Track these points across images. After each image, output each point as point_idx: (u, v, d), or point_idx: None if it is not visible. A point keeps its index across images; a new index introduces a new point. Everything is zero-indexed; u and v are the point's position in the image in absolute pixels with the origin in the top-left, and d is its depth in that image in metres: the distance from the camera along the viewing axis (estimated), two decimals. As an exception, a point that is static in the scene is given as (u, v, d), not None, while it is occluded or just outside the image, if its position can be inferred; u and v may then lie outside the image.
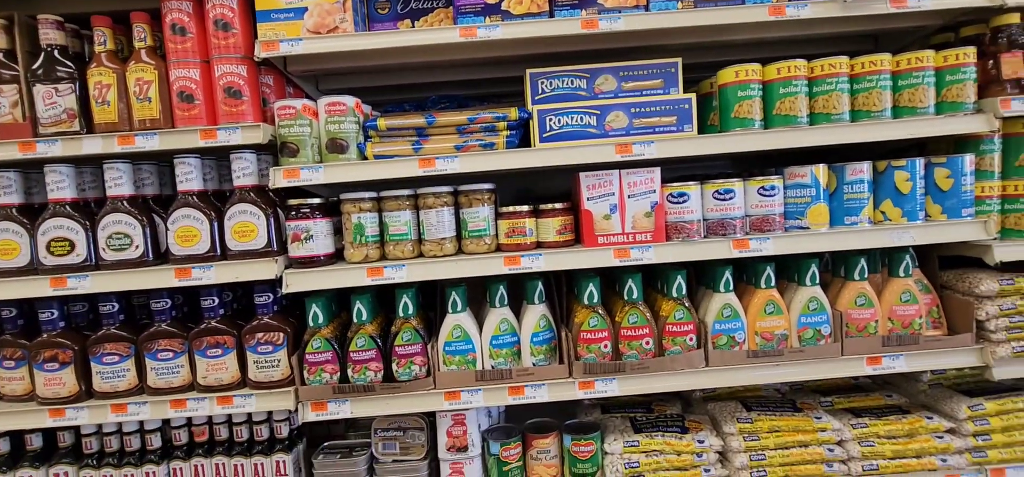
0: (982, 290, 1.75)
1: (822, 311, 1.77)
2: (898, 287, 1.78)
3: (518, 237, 1.77)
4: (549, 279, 1.99)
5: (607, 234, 1.75)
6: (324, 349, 1.77)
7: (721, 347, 1.79)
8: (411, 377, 1.79)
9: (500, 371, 1.79)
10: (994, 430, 1.80)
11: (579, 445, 1.84)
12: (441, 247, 1.77)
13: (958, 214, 1.74)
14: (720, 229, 1.75)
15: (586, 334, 1.78)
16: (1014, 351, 1.73)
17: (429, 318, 1.98)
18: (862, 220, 1.75)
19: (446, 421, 1.85)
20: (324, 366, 1.78)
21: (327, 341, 1.77)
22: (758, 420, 1.85)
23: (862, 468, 1.80)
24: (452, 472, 1.85)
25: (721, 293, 1.78)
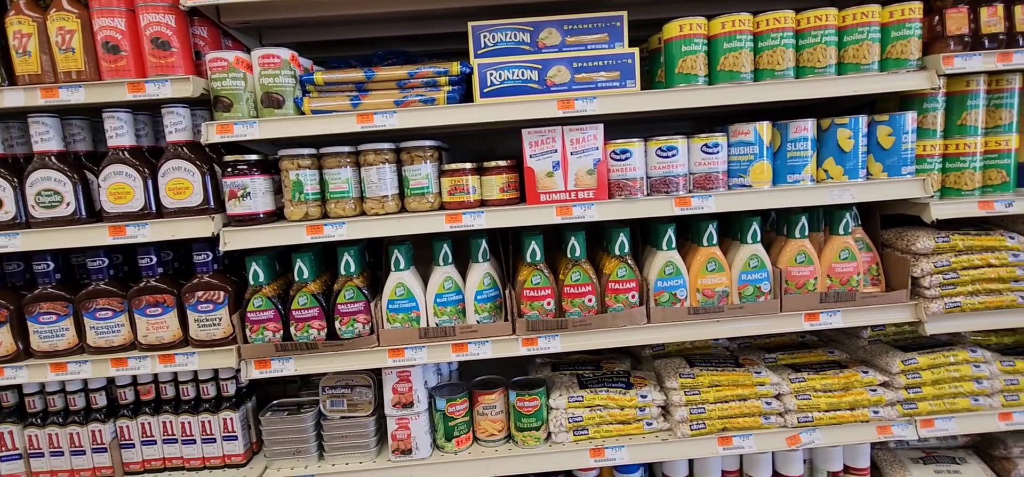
0: (918, 247, 1.78)
1: (763, 268, 1.79)
2: (837, 245, 1.80)
3: (460, 195, 1.75)
4: (496, 238, 1.98)
5: (550, 192, 1.74)
6: (266, 307, 1.76)
7: (663, 304, 1.80)
8: (354, 335, 1.79)
9: (444, 329, 1.80)
10: (925, 383, 1.86)
11: (524, 400, 1.87)
12: (383, 205, 1.75)
13: (898, 172, 1.75)
14: (663, 187, 1.74)
15: (529, 292, 1.78)
16: (946, 307, 1.77)
17: (377, 277, 1.98)
18: (804, 178, 1.75)
19: (391, 378, 1.86)
20: (266, 324, 1.77)
21: (269, 299, 1.76)
22: (699, 375, 1.89)
23: (797, 420, 1.85)
24: (398, 427, 1.87)
25: (663, 251, 1.79)
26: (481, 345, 1.80)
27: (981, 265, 1.78)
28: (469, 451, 1.92)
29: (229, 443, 1.91)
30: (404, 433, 1.87)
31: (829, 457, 1.97)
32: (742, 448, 1.85)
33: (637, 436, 1.90)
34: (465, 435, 1.92)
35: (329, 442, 1.91)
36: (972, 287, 1.78)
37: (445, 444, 1.91)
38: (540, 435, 1.89)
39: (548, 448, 1.89)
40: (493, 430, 1.93)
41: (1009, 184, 1.79)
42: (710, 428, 1.85)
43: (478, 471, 1.88)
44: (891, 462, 2.03)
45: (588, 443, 1.88)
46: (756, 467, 1.98)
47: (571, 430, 1.89)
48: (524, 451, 1.88)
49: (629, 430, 1.90)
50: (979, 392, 1.86)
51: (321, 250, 1.89)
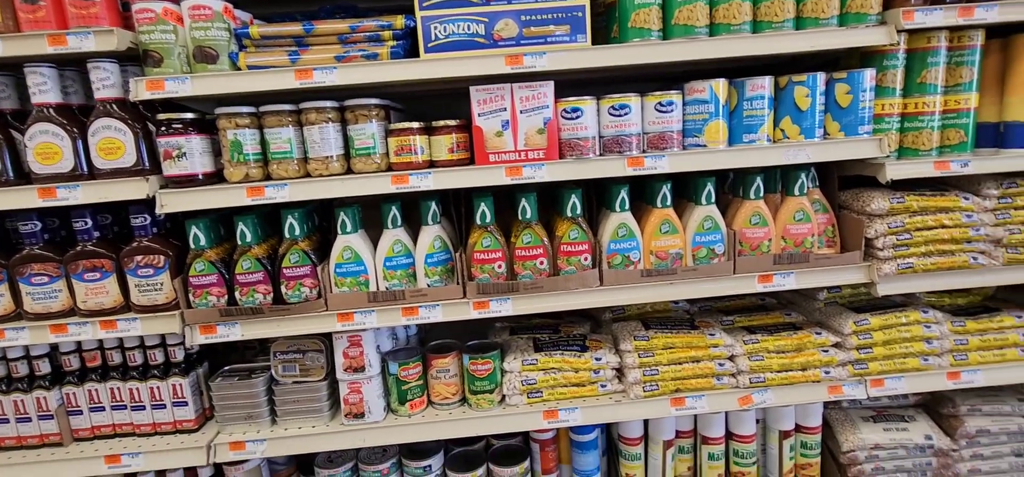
0: (873, 208, 1.76)
1: (717, 230, 1.77)
2: (792, 206, 1.77)
3: (407, 155, 1.70)
4: (449, 200, 1.94)
5: (499, 152, 1.68)
6: (209, 272, 1.71)
7: (616, 267, 1.78)
8: (301, 299, 1.76)
9: (393, 293, 1.76)
10: (876, 344, 1.87)
11: (477, 364, 1.86)
12: (327, 166, 1.69)
13: (855, 132, 1.71)
14: (616, 147, 1.70)
15: (480, 255, 1.75)
16: (899, 268, 1.77)
17: (329, 241, 1.93)
18: (760, 138, 1.71)
19: (342, 342, 1.83)
20: (210, 289, 1.73)
21: (212, 264, 1.71)
22: (654, 338, 1.88)
23: (750, 380, 1.86)
24: (350, 391, 1.86)
25: (617, 213, 1.76)
26: (432, 309, 1.78)
27: (935, 226, 1.77)
28: (423, 414, 1.91)
29: (180, 409, 1.89)
30: (356, 397, 1.86)
31: (781, 417, 1.99)
32: (694, 408, 1.86)
33: (591, 398, 1.90)
34: (419, 398, 1.91)
35: (281, 407, 1.89)
36: (925, 248, 1.77)
37: (399, 407, 1.90)
38: (494, 398, 1.89)
39: (502, 410, 1.89)
40: (447, 393, 1.92)
41: (967, 144, 1.77)
42: (663, 389, 1.86)
43: (432, 433, 1.88)
44: (842, 421, 2.07)
45: (542, 405, 1.88)
46: (709, 426, 2.00)
47: (525, 393, 1.89)
48: (478, 414, 1.88)
49: (583, 392, 1.90)
50: (929, 352, 1.88)
51: (266, 213, 1.83)
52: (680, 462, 2.06)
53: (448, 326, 1.86)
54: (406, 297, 1.77)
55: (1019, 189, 1.78)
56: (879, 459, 1.99)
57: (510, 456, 2.04)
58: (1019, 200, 1.78)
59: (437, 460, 2.01)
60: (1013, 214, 1.78)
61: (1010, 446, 1.99)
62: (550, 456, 2.07)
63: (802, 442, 2.02)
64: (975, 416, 1.99)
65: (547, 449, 2.06)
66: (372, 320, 1.77)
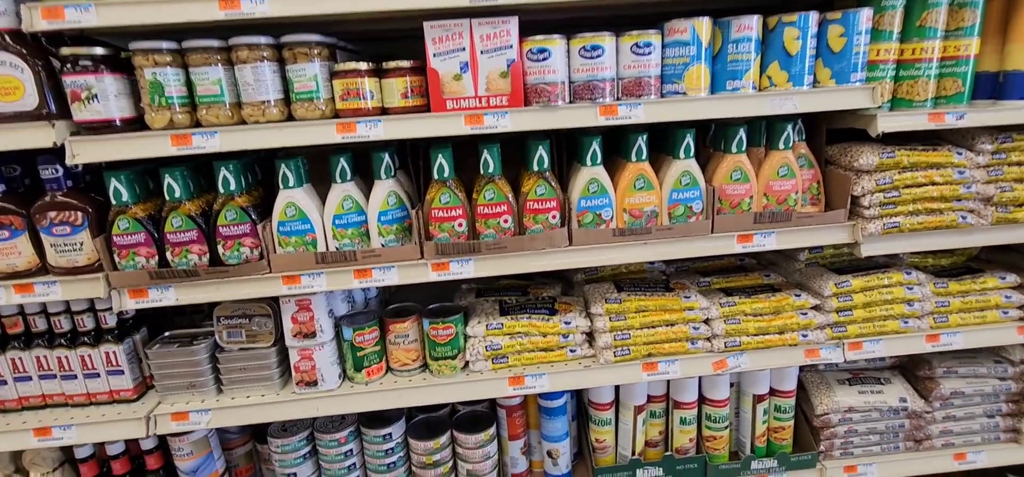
0: (862, 164, 1.64)
1: (695, 186, 1.64)
2: (777, 161, 1.65)
3: (355, 100, 1.51)
4: (407, 152, 1.76)
5: (457, 97, 1.51)
6: (135, 230, 1.54)
7: (586, 225, 1.65)
8: (241, 260, 1.60)
9: (344, 253, 1.61)
10: (856, 306, 1.79)
11: (437, 329, 1.74)
12: (263, 111, 1.50)
13: (847, 79, 1.57)
14: (587, 93, 1.53)
15: (438, 212, 1.60)
16: (885, 228, 1.66)
17: (271, 196, 1.75)
18: (745, 85, 1.56)
19: (289, 307, 1.69)
20: (137, 249, 1.55)
21: (137, 221, 1.54)
22: (626, 301, 1.78)
23: (725, 344, 1.78)
24: (301, 358, 1.73)
25: (588, 167, 1.61)
26: (386, 271, 1.63)
27: (924, 183, 1.66)
28: (381, 382, 1.80)
29: (116, 378, 1.74)
30: (308, 364, 1.74)
31: (756, 381, 1.92)
32: (667, 373, 1.78)
33: (560, 363, 1.80)
34: (377, 365, 1.79)
35: (227, 375, 1.76)
36: (913, 206, 1.67)
37: (355, 375, 1.78)
38: (456, 364, 1.78)
39: (465, 377, 1.78)
40: (407, 359, 1.81)
41: (963, 95, 1.64)
42: (635, 354, 1.77)
43: (390, 401, 1.77)
44: (817, 383, 2.01)
45: (508, 371, 1.78)
46: (681, 391, 1.93)
47: (489, 358, 1.79)
48: (440, 380, 1.78)
49: (552, 357, 1.80)
50: (909, 314, 1.81)
51: (199, 165, 1.64)
52: (651, 426, 1.99)
53: (411, 289, 1.72)
54: (358, 258, 1.62)
55: (1015, 144, 1.67)
56: (852, 422, 1.94)
57: (476, 422, 1.96)
58: (1014, 155, 1.68)
59: (398, 428, 1.91)
60: (1006, 170, 1.68)
61: (983, 407, 1.96)
62: (518, 422, 1.98)
63: (776, 405, 1.96)
64: (951, 378, 1.95)
65: (514, 415, 1.97)
66: (321, 283, 1.62)
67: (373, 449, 1.90)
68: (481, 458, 1.92)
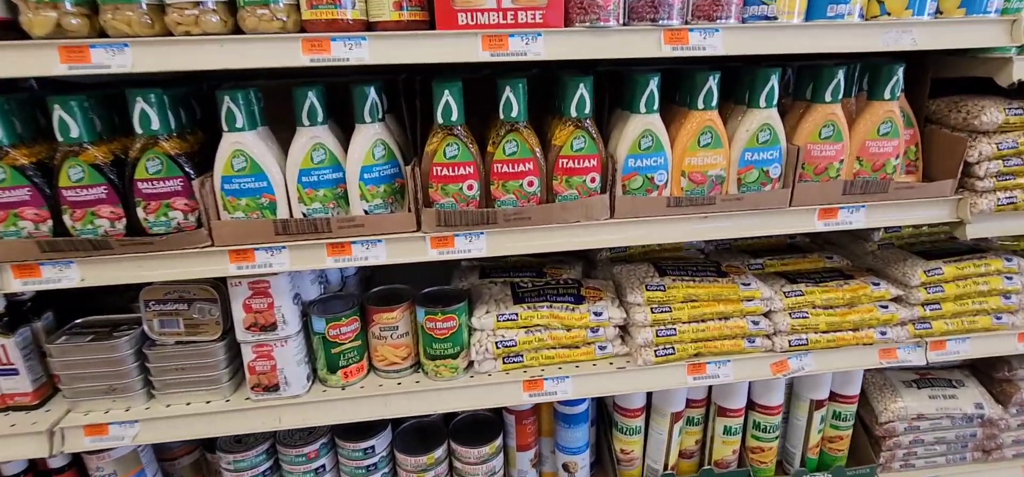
0: (983, 122, 1.30)
1: (775, 144, 1.27)
2: (878, 115, 1.29)
3: (329, 9, 1.08)
4: (399, 87, 1.34)
5: (472, 9, 1.09)
6: (16, 182, 1.10)
7: (634, 191, 1.27)
8: (171, 228, 1.18)
9: (314, 221, 1.20)
10: (946, 298, 1.48)
11: (435, 320, 1.36)
12: (196, 19, 1.06)
13: (981, 8, 1.21)
14: (649, 11, 1.13)
15: (441, 168, 1.20)
16: (998, 204, 1.34)
17: (214, 141, 1.31)
18: (851, 10, 1.18)
19: (241, 291, 1.28)
20: (20, 210, 1.12)
21: (19, 171, 1.10)
22: (672, 287, 1.42)
23: (788, 343, 1.45)
24: (257, 357, 1.33)
25: (641, 114, 1.22)
26: (371, 246, 1.23)
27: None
28: (362, 385, 1.42)
29: (8, 379, 1.32)
30: (266, 364, 1.34)
31: (816, 384, 1.61)
32: (717, 377, 1.45)
33: (586, 363, 1.46)
34: (357, 364, 1.41)
35: (160, 376, 1.35)
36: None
37: (328, 376, 1.39)
38: (459, 364, 1.41)
39: (469, 380, 1.42)
40: (395, 358, 1.43)
41: (1109, 37, 1.30)
42: (680, 354, 1.42)
43: (373, 410, 1.39)
44: (880, 385, 1.72)
45: (522, 373, 1.42)
46: (728, 396, 1.61)
47: (500, 357, 1.42)
48: (437, 384, 1.41)
49: (577, 356, 1.45)
50: (1004, 308, 1.51)
51: (114, 97, 1.19)
52: (688, 435, 1.68)
53: (399, 266, 1.32)
54: (333, 228, 1.21)
55: None
56: (919, 431, 1.66)
57: (478, 430, 1.60)
58: None
59: (383, 439, 1.54)
60: None
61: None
62: (528, 430, 1.64)
63: (835, 412, 1.66)
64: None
65: (525, 421, 1.63)
66: (283, 261, 1.21)
67: (351, 466, 1.53)
68: (485, 474, 1.58)
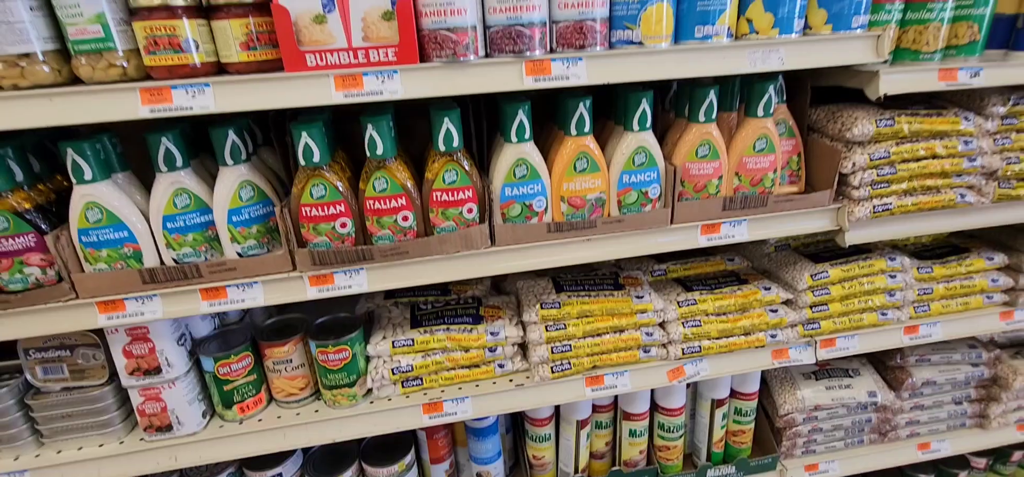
0: (855, 134, 1.32)
1: (652, 166, 1.27)
2: (753, 131, 1.29)
3: (171, 53, 1.03)
4: (269, 121, 1.30)
5: (322, 49, 1.05)
6: None
7: (513, 219, 1.27)
8: (28, 285, 1.14)
9: (183, 267, 1.17)
10: (832, 299, 1.53)
11: (327, 353, 1.35)
12: (23, 72, 1.00)
13: (847, 24, 1.21)
14: (509, 43, 1.10)
15: (309, 209, 1.17)
16: (874, 211, 1.37)
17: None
18: (718, 31, 1.17)
19: (120, 339, 1.26)
20: None
21: None
22: (566, 304, 1.44)
23: (682, 350, 1.49)
24: (145, 400, 1.31)
25: (513, 143, 1.21)
26: (247, 289, 1.21)
27: (925, 156, 1.36)
28: (260, 418, 1.42)
29: None
30: (156, 406, 1.33)
31: (715, 385, 1.67)
32: (615, 387, 1.48)
33: (486, 382, 1.47)
34: (253, 398, 1.41)
35: (47, 424, 1.33)
36: (908, 184, 1.38)
37: (225, 412, 1.39)
38: (356, 392, 1.41)
39: (369, 407, 1.42)
40: (293, 389, 1.43)
41: (978, 45, 1.32)
42: (577, 368, 1.45)
43: (272, 442, 1.40)
44: (781, 379, 1.78)
45: (422, 396, 1.44)
46: (631, 402, 1.65)
47: (398, 382, 1.43)
48: (337, 413, 1.41)
49: (477, 375, 1.47)
50: (889, 305, 1.56)
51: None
52: (598, 438, 1.72)
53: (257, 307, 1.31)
54: (203, 273, 1.19)
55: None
56: (817, 420, 1.74)
57: (390, 448, 1.62)
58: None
59: (291, 466, 1.55)
60: (1015, 138, 1.40)
61: (952, 395, 1.79)
62: (441, 444, 1.67)
63: (736, 408, 1.72)
64: (923, 367, 1.76)
65: (436, 437, 1.65)
66: (154, 308, 1.19)
67: (260, 493, 1.54)
68: (397, 490, 1.61)
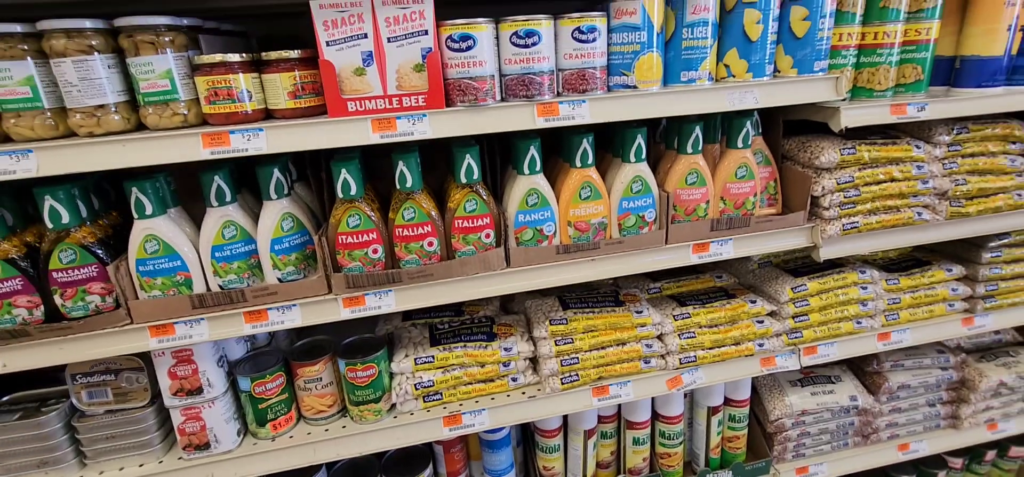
0: (822, 161, 1.50)
1: (648, 193, 1.44)
2: (734, 161, 1.47)
3: (226, 103, 1.18)
4: (306, 160, 1.44)
5: (361, 97, 1.21)
6: (-72, 283, 1.15)
7: (526, 243, 1.42)
8: (89, 312, 1.25)
9: (229, 293, 1.30)
10: (812, 310, 1.69)
11: (356, 370, 1.47)
12: (99, 121, 1.14)
13: (810, 68, 1.41)
14: (522, 89, 1.27)
15: (346, 237, 1.31)
16: (844, 229, 1.55)
17: (129, 222, 1.39)
18: (701, 76, 1.36)
19: (165, 361, 1.36)
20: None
21: (-69, 271, 1.15)
22: (573, 320, 1.58)
23: (680, 361, 1.63)
24: (186, 419, 1.41)
25: (526, 175, 1.37)
26: (286, 311, 1.34)
27: (884, 179, 1.55)
28: (291, 435, 1.52)
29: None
30: (196, 425, 1.42)
31: (710, 393, 1.80)
32: (619, 397, 1.61)
33: (501, 395, 1.59)
34: (285, 416, 1.51)
35: (91, 445, 1.42)
36: (871, 204, 1.56)
37: (258, 430, 1.49)
38: (381, 407, 1.52)
39: (393, 421, 1.53)
40: (321, 406, 1.53)
41: (923, 83, 1.53)
42: (584, 379, 1.58)
43: (303, 457, 1.49)
44: (770, 386, 1.92)
45: (442, 410, 1.55)
46: (634, 411, 1.78)
47: (420, 397, 1.54)
48: (362, 428, 1.52)
49: (492, 389, 1.59)
50: (863, 314, 1.73)
51: (20, 187, 1.25)
52: (602, 448, 1.84)
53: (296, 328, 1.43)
54: (248, 298, 1.31)
55: (970, 135, 1.59)
56: (805, 424, 1.88)
57: (408, 463, 1.72)
58: (968, 146, 1.60)
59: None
60: (961, 162, 1.60)
61: (925, 397, 1.95)
62: (456, 458, 1.77)
63: (730, 415, 1.86)
64: (898, 371, 1.91)
65: (452, 450, 1.76)
66: (202, 331, 1.30)
67: (287, 509, 1.62)
68: (417, 503, 1.70)
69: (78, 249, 1.20)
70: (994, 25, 1.46)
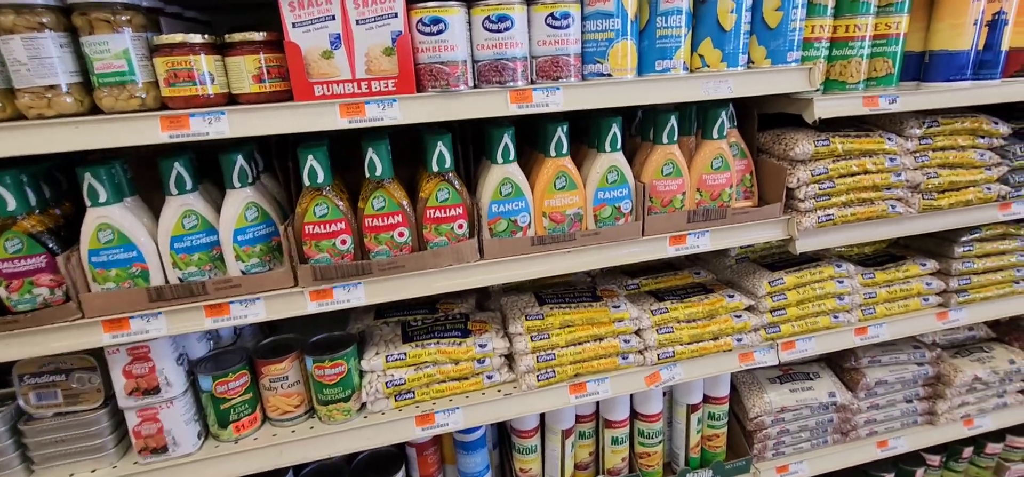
0: (797, 153, 1.50)
1: (623, 183, 1.42)
2: (710, 152, 1.46)
3: (187, 85, 1.13)
4: (272, 149, 1.40)
5: (328, 81, 1.17)
6: None
7: (500, 234, 1.39)
8: (37, 305, 1.18)
9: (189, 286, 1.24)
10: (790, 304, 1.68)
11: (323, 368, 1.41)
12: (49, 102, 1.08)
13: (783, 59, 1.41)
14: (495, 75, 1.25)
15: (312, 227, 1.27)
16: (819, 221, 1.55)
17: (81, 212, 1.33)
18: (676, 65, 1.36)
19: (120, 358, 1.29)
20: None
21: None
22: (549, 315, 1.54)
23: (658, 356, 1.60)
24: (142, 421, 1.34)
25: (499, 164, 1.34)
26: (249, 304, 1.28)
27: (858, 171, 1.55)
28: (256, 437, 1.45)
29: None
30: (152, 427, 1.35)
31: (689, 390, 1.78)
32: (597, 394, 1.58)
33: (476, 393, 1.55)
34: (249, 416, 1.44)
35: (39, 450, 1.34)
36: (846, 197, 1.56)
37: (221, 432, 1.42)
38: (350, 407, 1.47)
39: (363, 421, 1.48)
40: (288, 407, 1.47)
41: (893, 77, 1.54)
42: (561, 376, 1.54)
43: (267, 460, 1.43)
44: (749, 384, 1.91)
45: (414, 409, 1.50)
46: (612, 409, 1.74)
47: (391, 396, 1.49)
48: (331, 428, 1.46)
49: (466, 386, 1.54)
50: (840, 309, 1.73)
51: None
52: (581, 448, 1.80)
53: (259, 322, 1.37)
54: (209, 290, 1.25)
55: (940, 128, 1.61)
56: (784, 422, 1.86)
57: (379, 467, 1.66)
58: (939, 140, 1.62)
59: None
60: (932, 156, 1.62)
61: (903, 394, 1.95)
62: (430, 461, 1.71)
63: (710, 413, 1.83)
64: (875, 367, 1.92)
65: (426, 453, 1.70)
66: (159, 326, 1.24)
67: (252, 516, 1.55)
68: (389, 508, 1.64)
69: (25, 238, 1.14)
70: (961, 19, 1.48)
